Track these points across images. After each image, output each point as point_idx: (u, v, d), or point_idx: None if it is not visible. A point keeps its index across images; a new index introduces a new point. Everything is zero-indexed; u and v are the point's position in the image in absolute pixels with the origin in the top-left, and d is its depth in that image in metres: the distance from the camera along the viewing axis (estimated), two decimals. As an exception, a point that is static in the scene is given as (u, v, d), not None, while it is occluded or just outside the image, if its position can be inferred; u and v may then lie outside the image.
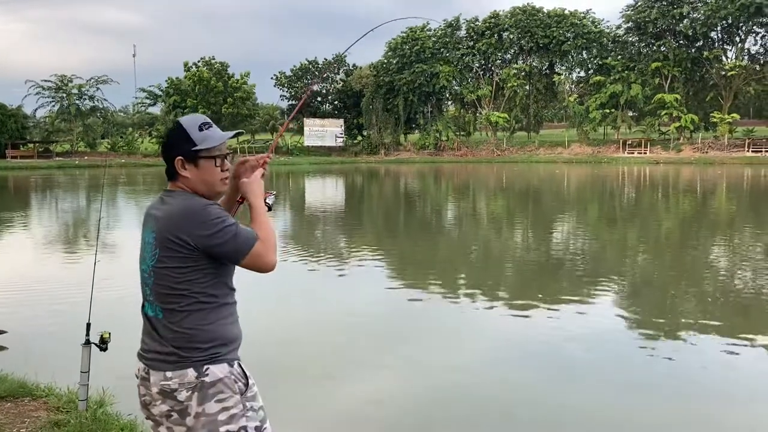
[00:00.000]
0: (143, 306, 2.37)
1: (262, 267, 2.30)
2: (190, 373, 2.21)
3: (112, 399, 4.72)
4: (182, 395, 2.21)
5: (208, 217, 2.21)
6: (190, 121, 2.36)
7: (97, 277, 4.46)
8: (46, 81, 70.95)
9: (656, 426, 5.20)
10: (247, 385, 2.32)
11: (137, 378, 2.34)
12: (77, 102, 71.58)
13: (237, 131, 2.71)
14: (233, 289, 2.38)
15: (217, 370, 2.23)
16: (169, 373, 2.22)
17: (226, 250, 2.23)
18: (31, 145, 67.75)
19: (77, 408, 4.34)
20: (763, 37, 63.12)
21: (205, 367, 2.22)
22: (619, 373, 6.37)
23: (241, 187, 2.48)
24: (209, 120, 2.38)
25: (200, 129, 2.32)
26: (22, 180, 42.70)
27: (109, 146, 71.65)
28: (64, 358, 5.68)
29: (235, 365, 2.30)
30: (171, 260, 2.22)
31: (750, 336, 7.30)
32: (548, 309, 8.58)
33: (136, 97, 78.95)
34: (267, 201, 2.53)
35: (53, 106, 72.00)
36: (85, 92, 72.37)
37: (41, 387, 4.90)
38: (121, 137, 72.84)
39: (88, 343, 4.13)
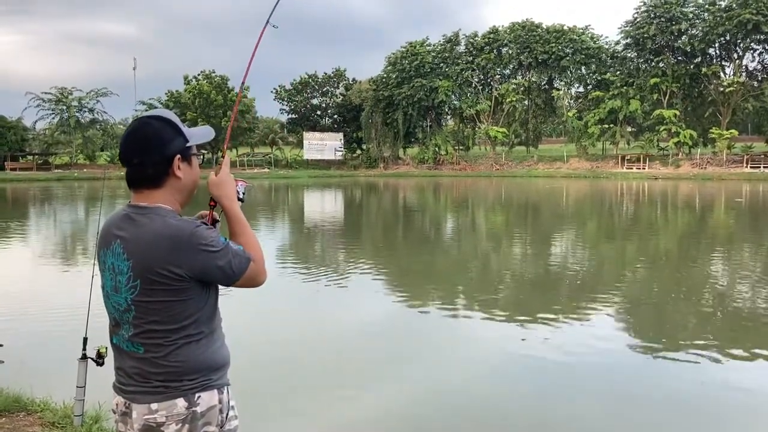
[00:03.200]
0: (112, 337, 2.08)
1: (254, 286, 2.11)
2: (180, 404, 1.97)
3: (108, 414, 4.67)
4: (170, 429, 1.97)
5: (201, 243, 1.95)
6: (170, 116, 2.07)
7: (94, 292, 4.42)
8: (46, 93, 71.33)
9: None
10: (227, 417, 2.09)
11: (114, 413, 2.08)
12: (77, 114, 71.86)
13: (206, 127, 2.25)
14: (219, 312, 2.16)
15: (208, 398, 2.02)
16: (154, 405, 1.97)
17: (220, 275, 2.01)
18: (30, 157, 67.87)
19: (72, 423, 4.30)
20: (760, 53, 63.46)
21: (197, 395, 1.99)
22: (617, 387, 6.33)
23: (211, 188, 2.15)
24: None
25: (183, 123, 2.09)
26: (21, 192, 42.67)
27: (108, 158, 71.74)
28: (60, 372, 5.63)
29: (225, 392, 2.09)
30: (157, 293, 1.95)
31: (748, 352, 7.27)
32: (547, 324, 8.55)
33: (135, 110, 79.01)
34: (238, 191, 2.19)
35: (53, 118, 72.40)
36: (85, 104, 72.72)
37: (37, 402, 4.85)
38: (121, 150, 72.83)
39: (84, 357, 4.10)
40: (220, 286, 2.11)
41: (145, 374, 1.99)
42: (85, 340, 4.15)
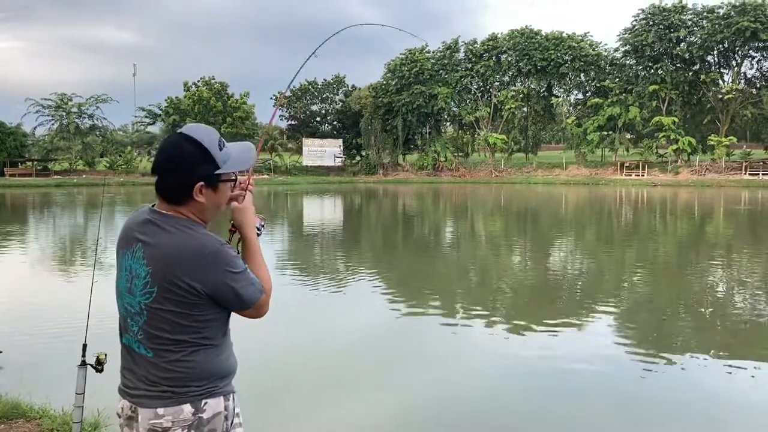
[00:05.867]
0: (122, 336, 2.10)
1: (256, 317, 2.11)
2: (186, 410, 1.97)
3: (107, 421, 4.66)
4: None
5: (224, 262, 1.96)
6: (208, 137, 2.01)
7: (93, 298, 4.42)
8: (45, 99, 71.40)
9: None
10: (232, 423, 2.10)
11: (119, 417, 2.09)
12: (76, 120, 71.87)
13: (246, 143, 2.25)
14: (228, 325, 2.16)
15: (214, 404, 2.02)
16: (161, 410, 1.97)
17: (233, 299, 2.01)
18: (29, 163, 67.85)
19: (71, 430, 4.28)
20: (758, 61, 63.65)
21: (204, 401, 2.00)
22: (616, 394, 6.32)
23: (236, 214, 2.17)
24: (217, 132, 2.08)
25: (220, 147, 2.02)
26: (20, 198, 42.65)
27: (107, 165, 71.75)
28: (59, 379, 5.62)
29: (231, 399, 2.10)
30: (171, 303, 1.96)
31: (746, 359, 7.26)
32: (546, 330, 8.55)
33: (135, 116, 79.26)
34: (257, 226, 2.24)
35: (52, 124, 72.37)
36: (85, 111, 72.74)
37: (35, 408, 4.84)
38: (120, 156, 72.95)
39: (83, 364, 4.07)
40: None
41: (153, 378, 2.00)
42: (84, 346, 4.13)
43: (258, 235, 2.22)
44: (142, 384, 2.01)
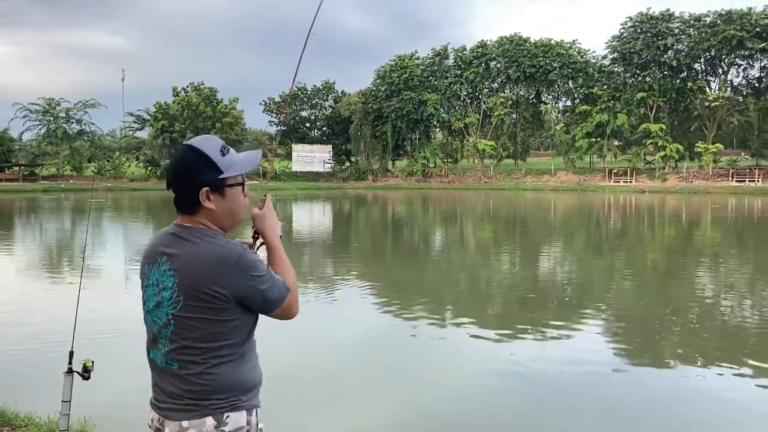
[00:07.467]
0: (150, 351, 2.17)
1: (287, 317, 2.20)
2: (209, 422, 2.04)
3: (94, 429, 4.62)
4: None
5: (247, 266, 2.03)
6: (208, 144, 2.10)
7: (80, 305, 4.38)
8: (33, 104, 71.08)
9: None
10: None
11: (150, 427, 2.18)
12: (64, 125, 71.52)
13: (258, 152, 2.35)
14: (254, 334, 2.23)
15: (236, 418, 2.08)
16: (185, 423, 2.05)
17: (260, 301, 2.08)
18: (16, 168, 67.40)
19: (57, 438, 4.24)
20: (744, 69, 64.43)
21: (226, 414, 2.06)
22: (606, 401, 6.34)
23: (257, 220, 2.27)
24: (223, 141, 2.16)
25: (222, 154, 2.09)
26: (7, 203, 42.34)
27: (95, 170, 71.40)
28: (45, 386, 5.57)
29: (254, 414, 2.15)
30: (198, 310, 2.01)
31: (733, 363, 7.30)
32: (535, 337, 8.56)
33: (123, 121, 78.81)
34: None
35: (40, 129, 71.98)
36: (73, 116, 72.44)
37: (21, 416, 4.80)
38: (108, 161, 72.61)
39: (70, 371, 4.04)
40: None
41: (179, 392, 2.07)
42: (71, 353, 4.09)
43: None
44: (168, 398, 2.09)
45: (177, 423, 2.05)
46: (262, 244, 2.29)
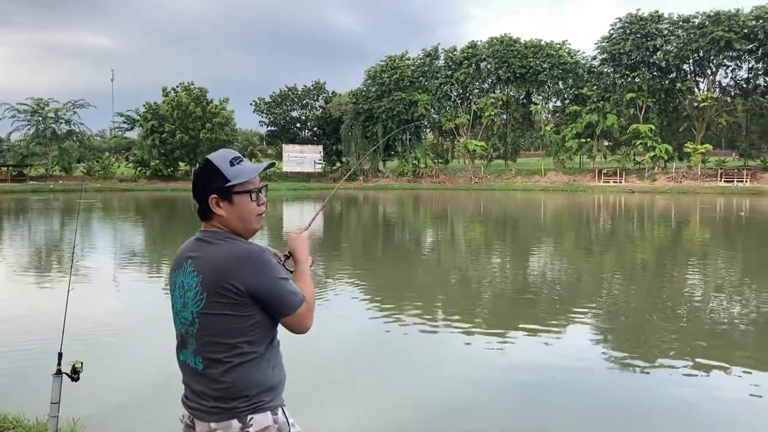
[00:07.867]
0: (179, 353, 2.30)
1: (300, 329, 2.28)
2: (234, 425, 2.16)
3: (83, 430, 4.59)
4: None
5: (264, 265, 2.17)
6: (220, 157, 2.28)
7: (69, 306, 4.36)
8: (21, 104, 70.46)
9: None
10: None
11: (182, 422, 2.31)
12: (53, 126, 71.01)
13: (269, 163, 2.65)
14: (276, 335, 2.33)
15: (260, 419, 2.18)
16: (213, 424, 2.17)
17: (275, 302, 2.19)
18: (4, 169, 66.91)
19: (46, 440, 4.21)
20: (733, 70, 64.87)
21: (249, 417, 2.17)
22: (596, 400, 6.36)
23: (291, 241, 2.48)
24: (239, 154, 2.32)
25: (231, 164, 2.27)
26: (-5, 204, 42.01)
27: (84, 170, 70.99)
28: (34, 388, 5.54)
29: (279, 413, 2.26)
30: (220, 306, 2.14)
31: (722, 362, 7.34)
32: (527, 336, 8.58)
33: (113, 122, 78.50)
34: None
35: (28, 129, 71.39)
36: (62, 116, 71.88)
37: (9, 418, 4.76)
38: (98, 161, 72.18)
39: (59, 373, 4.02)
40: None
41: (204, 392, 2.20)
42: (60, 355, 4.07)
43: None
44: (197, 398, 2.22)
45: (206, 424, 2.18)
46: (288, 258, 2.46)
